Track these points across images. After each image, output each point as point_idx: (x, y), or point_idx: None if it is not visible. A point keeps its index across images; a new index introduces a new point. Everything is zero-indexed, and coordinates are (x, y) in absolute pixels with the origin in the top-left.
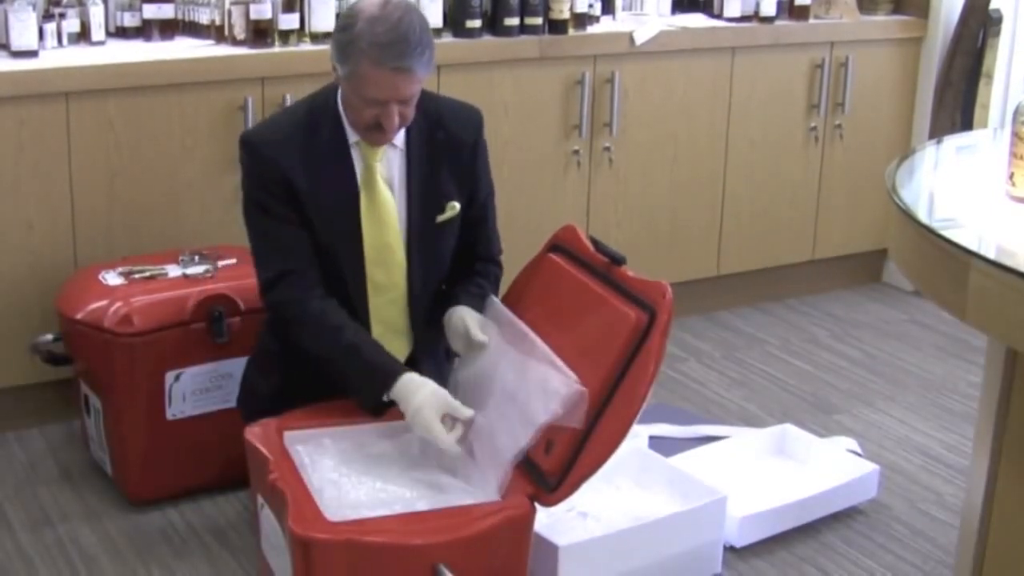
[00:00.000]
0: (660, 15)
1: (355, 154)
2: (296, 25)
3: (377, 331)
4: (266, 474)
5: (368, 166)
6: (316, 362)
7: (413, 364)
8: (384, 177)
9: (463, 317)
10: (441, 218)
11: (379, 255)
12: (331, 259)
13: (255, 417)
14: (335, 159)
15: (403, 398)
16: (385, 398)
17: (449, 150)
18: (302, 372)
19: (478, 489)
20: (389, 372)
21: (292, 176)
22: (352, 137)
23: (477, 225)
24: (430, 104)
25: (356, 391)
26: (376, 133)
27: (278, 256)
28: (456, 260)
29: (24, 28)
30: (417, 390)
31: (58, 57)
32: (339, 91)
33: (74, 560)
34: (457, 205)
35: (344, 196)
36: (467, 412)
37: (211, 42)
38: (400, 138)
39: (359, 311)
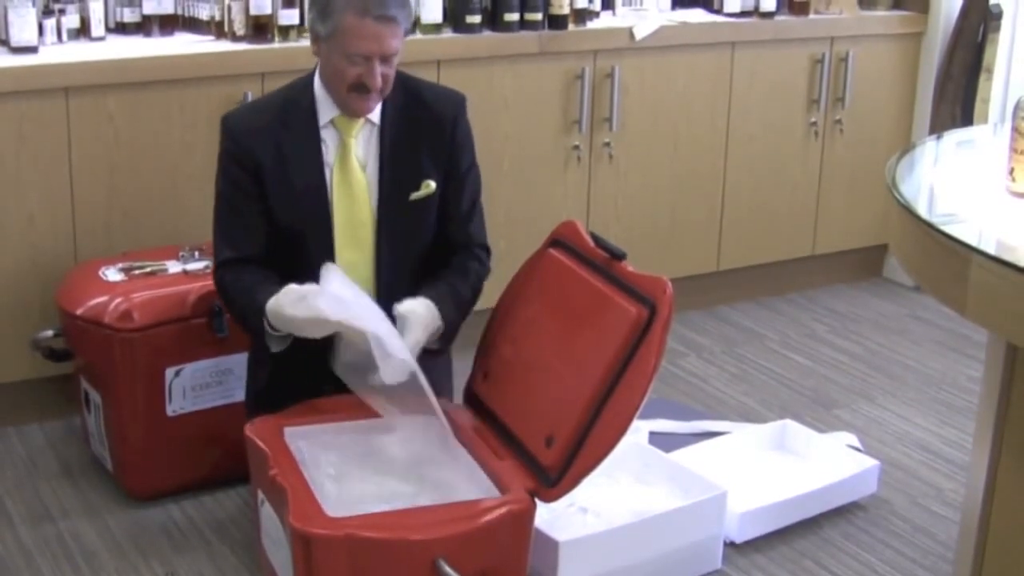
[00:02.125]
0: (660, 10)
1: (328, 134)
2: (296, 21)
3: None
4: (266, 470)
5: (343, 143)
6: (241, 325)
7: None
8: (358, 155)
9: (405, 317)
10: (415, 195)
11: (350, 233)
12: (299, 241)
13: (254, 411)
14: (305, 140)
15: (278, 317)
16: (267, 326)
17: (427, 128)
18: (289, 365)
19: (476, 483)
20: (262, 301)
21: (260, 156)
22: (325, 118)
23: (449, 203)
24: (410, 84)
25: (257, 335)
26: (359, 98)
27: (228, 245)
28: (434, 246)
29: (24, 24)
30: (283, 300)
31: (58, 53)
32: (315, 74)
33: (74, 555)
34: (433, 184)
35: (313, 176)
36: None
37: (211, 38)
38: (376, 115)
39: None
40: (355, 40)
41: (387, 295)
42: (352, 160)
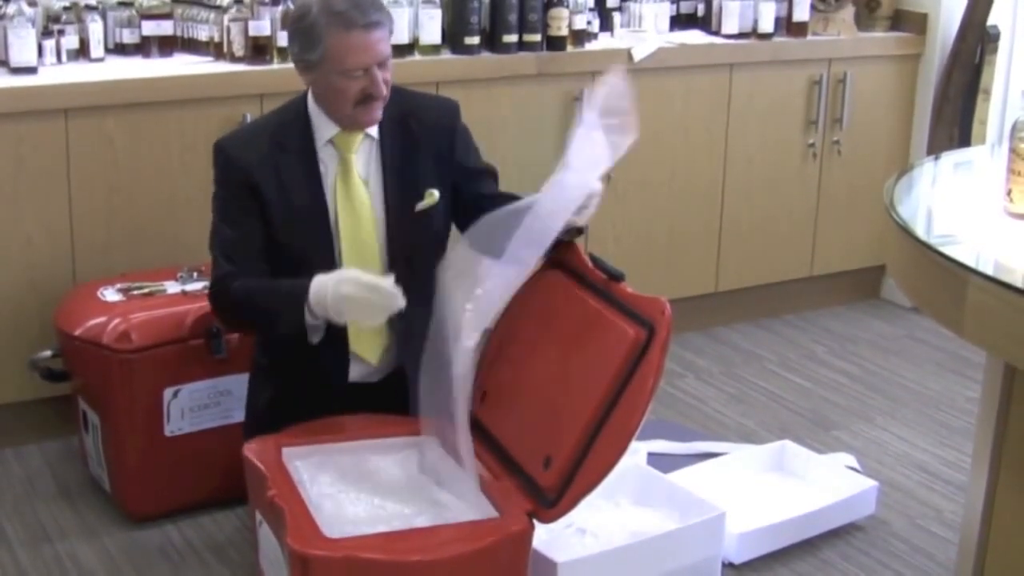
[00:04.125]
0: (658, 32)
1: (327, 153)
2: None
3: (353, 328)
4: (264, 490)
5: (344, 160)
6: (257, 323)
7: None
8: (359, 171)
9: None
10: (420, 206)
11: (356, 249)
12: (302, 261)
13: (254, 433)
14: (302, 161)
15: (320, 294)
16: (307, 313)
17: (425, 138)
18: (294, 386)
19: (474, 504)
20: (302, 284)
21: (259, 180)
22: (323, 137)
23: (481, 191)
24: (403, 97)
25: (288, 321)
26: (365, 110)
27: (228, 262)
28: None
29: (23, 45)
30: (328, 279)
31: (57, 73)
32: (308, 98)
33: None
34: (436, 193)
35: (313, 196)
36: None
37: (210, 59)
38: (373, 129)
39: None
40: (349, 56)
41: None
42: (355, 176)
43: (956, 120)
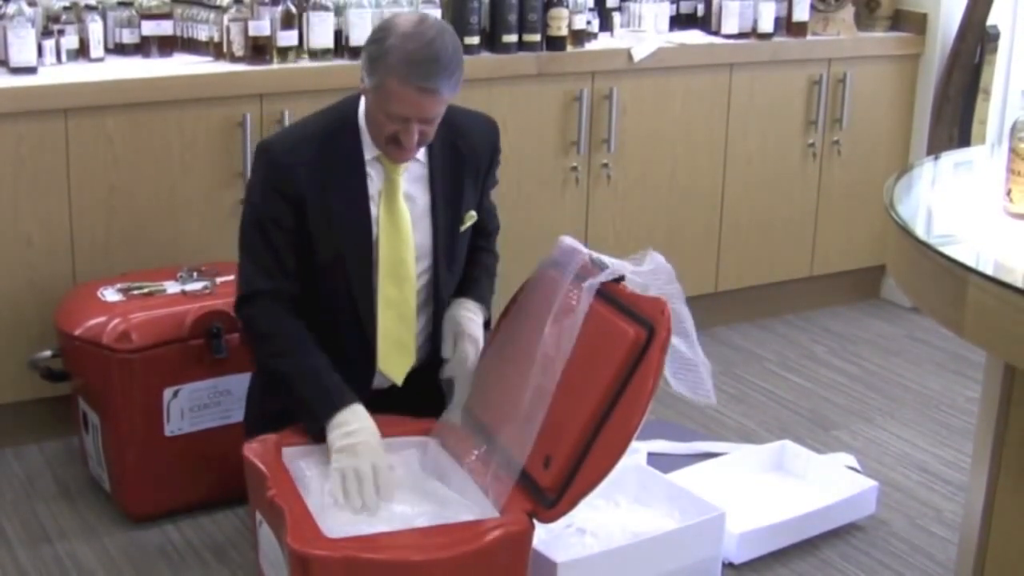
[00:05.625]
0: (658, 32)
1: (374, 169)
2: (295, 42)
3: (383, 348)
4: (264, 490)
5: (390, 180)
6: (272, 379)
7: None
8: (405, 191)
9: (458, 321)
10: (463, 228)
11: (393, 270)
12: (339, 275)
13: (256, 432)
14: (349, 174)
15: (343, 428)
16: (325, 424)
17: (469, 157)
18: None
19: (474, 504)
20: (341, 396)
21: (303, 188)
22: (370, 152)
23: (481, 208)
24: (450, 115)
25: (304, 413)
26: (394, 149)
27: (262, 275)
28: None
29: (23, 44)
30: (361, 426)
31: (57, 73)
32: (360, 104)
33: None
34: (475, 214)
35: (356, 211)
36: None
37: (210, 59)
38: (422, 152)
39: (366, 327)
40: (395, 103)
41: (433, 326)
42: (399, 196)
43: (956, 120)
